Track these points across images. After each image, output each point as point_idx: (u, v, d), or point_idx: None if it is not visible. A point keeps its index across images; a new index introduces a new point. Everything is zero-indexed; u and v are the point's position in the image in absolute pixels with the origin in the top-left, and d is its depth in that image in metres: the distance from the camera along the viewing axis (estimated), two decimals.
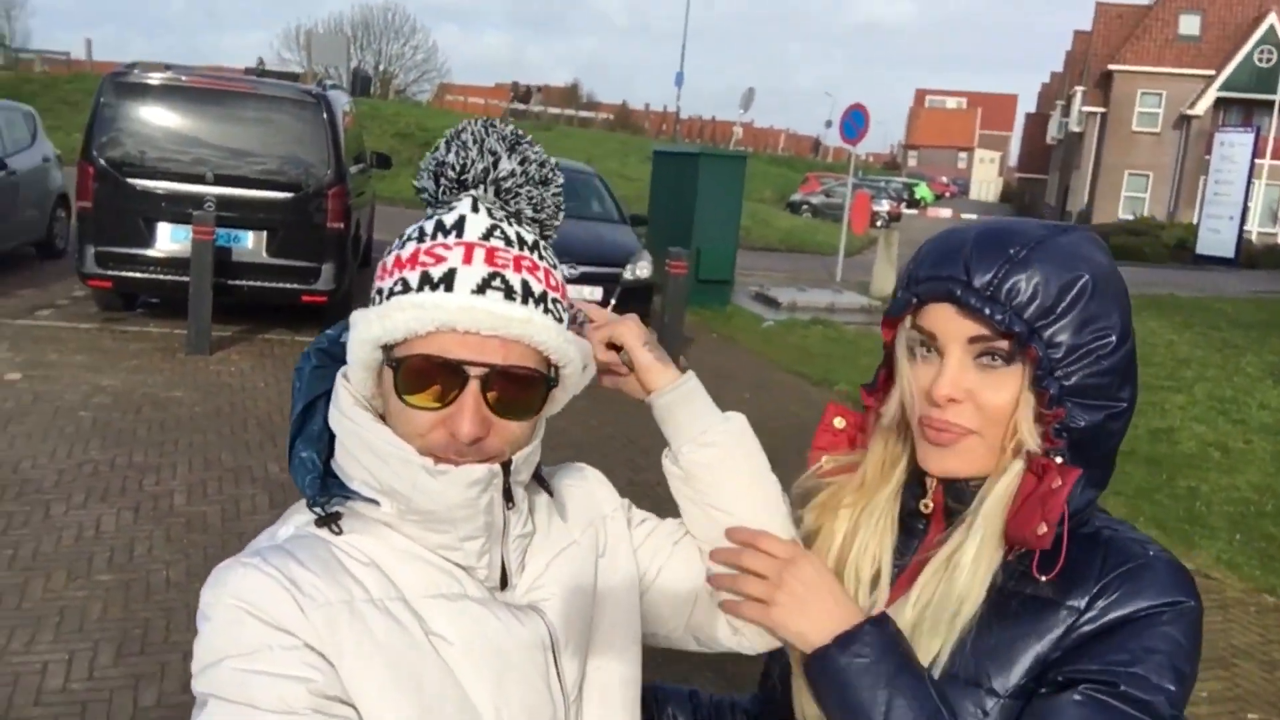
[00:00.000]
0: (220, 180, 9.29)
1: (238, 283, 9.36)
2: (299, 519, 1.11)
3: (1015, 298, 1.09)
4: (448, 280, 1.03)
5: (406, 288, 1.04)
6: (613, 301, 10.41)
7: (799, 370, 10.55)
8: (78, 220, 9.42)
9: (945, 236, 1.18)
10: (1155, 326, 14.89)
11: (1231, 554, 6.19)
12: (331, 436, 1.12)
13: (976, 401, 1.13)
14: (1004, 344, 1.11)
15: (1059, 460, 1.11)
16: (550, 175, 1.10)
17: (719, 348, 11.56)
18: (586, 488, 1.31)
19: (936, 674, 1.13)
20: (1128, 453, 8.21)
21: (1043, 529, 1.09)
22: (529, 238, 1.09)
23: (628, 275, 10.96)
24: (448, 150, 1.09)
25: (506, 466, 1.08)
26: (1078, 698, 1.05)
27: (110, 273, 9.27)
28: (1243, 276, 26.03)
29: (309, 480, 1.09)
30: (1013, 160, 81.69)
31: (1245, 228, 30.97)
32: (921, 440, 1.18)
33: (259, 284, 9.50)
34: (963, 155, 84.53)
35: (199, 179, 9.25)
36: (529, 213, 1.10)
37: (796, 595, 1.16)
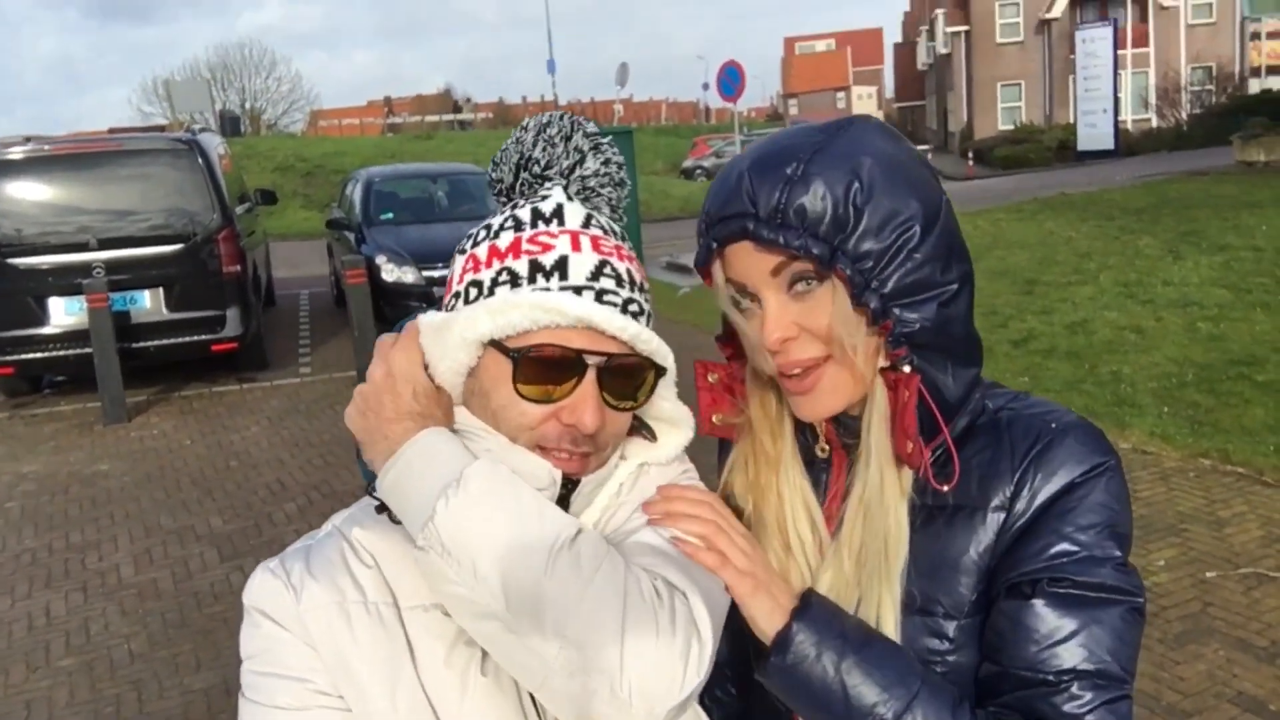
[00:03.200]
0: (105, 244, 9.03)
1: (143, 344, 9.13)
2: (341, 514, 1.14)
3: (806, 218, 1.03)
4: (561, 267, 1.03)
5: (514, 277, 1.03)
6: None
7: None
8: None
9: (726, 170, 1.11)
10: (1053, 226, 15.29)
11: (1163, 427, 6.41)
12: None
13: (809, 330, 1.07)
14: (809, 265, 1.05)
15: (906, 369, 1.06)
16: (624, 179, 1.13)
17: None
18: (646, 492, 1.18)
19: (892, 611, 1.10)
20: (1048, 350, 8.44)
21: (909, 447, 1.06)
22: (616, 229, 1.11)
23: None
24: (534, 145, 1.10)
25: (573, 484, 1.05)
26: (1038, 601, 1.04)
27: (8, 358, 8.97)
28: (1125, 164, 26.84)
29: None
30: (889, 92, 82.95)
31: (1120, 118, 31.92)
32: (788, 394, 1.13)
33: (165, 342, 9.28)
34: (840, 95, 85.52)
35: (83, 246, 8.98)
36: (608, 212, 1.12)
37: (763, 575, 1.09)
